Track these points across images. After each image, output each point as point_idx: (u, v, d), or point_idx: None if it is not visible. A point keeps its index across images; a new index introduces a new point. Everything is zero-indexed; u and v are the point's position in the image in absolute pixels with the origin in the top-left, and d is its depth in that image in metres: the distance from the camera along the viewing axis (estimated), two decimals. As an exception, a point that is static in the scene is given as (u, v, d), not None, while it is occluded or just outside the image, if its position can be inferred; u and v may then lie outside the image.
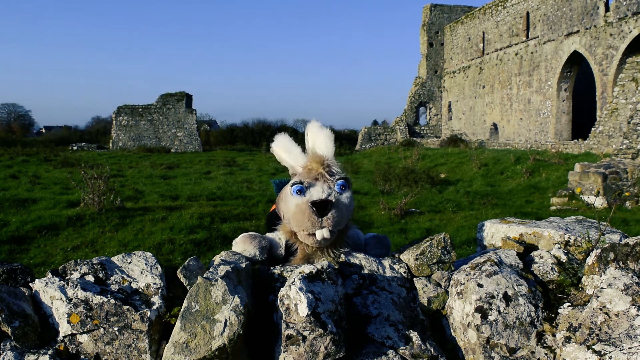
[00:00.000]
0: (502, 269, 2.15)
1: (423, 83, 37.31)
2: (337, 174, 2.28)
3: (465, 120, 34.23)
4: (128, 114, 36.27)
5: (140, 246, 7.04)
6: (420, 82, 37.41)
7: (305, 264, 2.15)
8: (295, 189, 2.21)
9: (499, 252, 2.31)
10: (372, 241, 2.49)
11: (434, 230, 8.28)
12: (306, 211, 2.15)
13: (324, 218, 2.15)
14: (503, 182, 15.54)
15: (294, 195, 2.21)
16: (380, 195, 12.21)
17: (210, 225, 8.41)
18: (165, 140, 36.16)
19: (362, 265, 2.25)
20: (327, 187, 2.22)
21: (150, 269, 2.10)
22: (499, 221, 2.67)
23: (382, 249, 2.48)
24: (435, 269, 2.26)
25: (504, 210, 10.13)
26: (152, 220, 8.62)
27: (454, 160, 20.91)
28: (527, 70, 27.38)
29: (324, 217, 2.15)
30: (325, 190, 2.21)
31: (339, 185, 2.24)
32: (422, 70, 37.82)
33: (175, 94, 36.75)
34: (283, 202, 2.29)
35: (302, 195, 2.20)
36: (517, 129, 28.28)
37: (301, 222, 2.17)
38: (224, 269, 2.00)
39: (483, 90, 32.06)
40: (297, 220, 2.18)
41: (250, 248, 2.26)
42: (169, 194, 11.82)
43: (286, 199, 2.27)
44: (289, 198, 2.24)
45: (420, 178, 14.23)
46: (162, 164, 21.91)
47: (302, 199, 2.19)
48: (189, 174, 18.14)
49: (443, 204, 10.83)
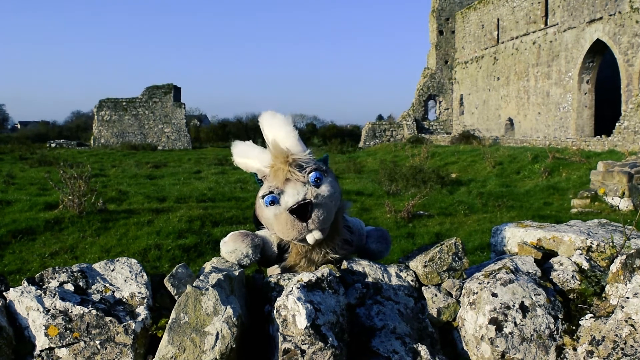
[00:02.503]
0: (518, 277, 2.15)
1: (432, 74, 37.32)
2: (307, 165, 2.20)
3: (479, 115, 34.24)
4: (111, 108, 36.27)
5: (124, 252, 7.04)
6: (429, 74, 37.42)
7: (303, 272, 2.15)
8: (268, 200, 2.17)
9: (515, 259, 2.31)
10: (373, 234, 2.50)
11: (444, 235, 8.28)
12: (287, 220, 2.13)
13: (309, 222, 2.13)
14: (519, 182, 15.55)
15: (269, 207, 2.18)
16: (385, 196, 12.21)
17: (201, 229, 8.41)
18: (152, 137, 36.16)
19: (365, 273, 2.25)
20: (300, 186, 2.16)
21: (135, 277, 2.10)
22: (515, 225, 2.67)
23: (383, 244, 2.50)
24: (445, 277, 2.26)
25: (520, 213, 10.13)
26: (137, 224, 8.61)
27: (466, 159, 20.90)
28: (546, 61, 27.38)
29: (308, 220, 2.12)
30: (299, 190, 2.15)
31: (313, 179, 2.18)
32: (432, 60, 37.83)
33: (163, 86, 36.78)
34: (260, 213, 2.27)
35: (276, 205, 2.16)
36: (535, 124, 28.29)
37: (286, 232, 2.15)
38: (215, 277, 2.00)
39: (498, 83, 32.07)
40: (280, 230, 2.17)
41: (242, 247, 2.22)
42: (155, 195, 11.81)
43: (261, 210, 2.23)
44: (264, 210, 2.21)
45: (429, 178, 14.23)
46: (147, 163, 21.91)
47: (278, 208, 2.16)
48: (177, 173, 18.14)
49: (454, 206, 10.82)
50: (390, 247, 2.55)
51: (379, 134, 35.05)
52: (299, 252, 2.27)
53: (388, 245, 2.52)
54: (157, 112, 36.32)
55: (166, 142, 36.02)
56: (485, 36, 33.50)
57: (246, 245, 2.23)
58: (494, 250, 2.71)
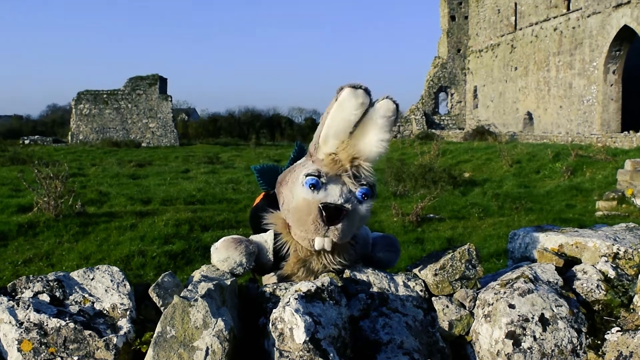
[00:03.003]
0: (538, 287, 2.15)
1: (443, 64, 37.34)
2: (364, 178, 2.19)
3: (494, 109, 34.25)
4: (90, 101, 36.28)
5: (104, 259, 7.04)
6: (440, 63, 37.44)
7: (301, 282, 2.15)
8: (309, 182, 2.13)
9: (534, 267, 2.31)
10: (380, 241, 2.49)
11: (456, 240, 8.28)
12: (313, 212, 2.11)
13: (332, 227, 2.12)
14: (539, 182, 15.55)
15: (305, 187, 2.14)
16: (392, 198, 12.21)
17: (189, 234, 8.41)
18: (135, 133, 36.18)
19: (370, 282, 2.25)
20: (346, 191, 2.15)
21: (116, 287, 2.10)
22: (535, 229, 2.67)
23: (391, 253, 2.48)
24: (457, 287, 2.26)
25: (540, 216, 10.13)
26: (119, 228, 8.61)
27: (480, 157, 20.90)
28: (568, 49, 27.39)
29: (332, 225, 2.11)
30: (344, 193, 2.14)
31: (361, 193, 2.17)
32: (443, 48, 37.85)
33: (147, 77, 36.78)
34: (288, 187, 2.22)
35: (315, 191, 2.13)
36: (556, 118, 28.29)
37: (303, 221, 2.13)
38: (205, 286, 2.00)
39: (515, 73, 32.08)
40: (299, 217, 2.15)
41: (236, 254, 2.22)
42: (139, 196, 11.81)
43: (294, 186, 2.19)
44: (297, 187, 2.17)
45: (440, 178, 14.23)
46: (131, 161, 21.91)
47: (314, 195, 2.13)
48: (164, 172, 18.14)
49: (467, 209, 10.82)
50: (399, 255, 2.54)
51: (385, 130, 35.03)
52: (298, 259, 2.27)
53: (397, 253, 2.51)
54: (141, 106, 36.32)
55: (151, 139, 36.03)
56: (501, 22, 33.50)
57: (240, 252, 2.23)
58: (511, 257, 2.71)
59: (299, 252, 2.26)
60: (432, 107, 37.02)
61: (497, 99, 34.00)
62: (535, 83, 30.16)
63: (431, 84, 37.18)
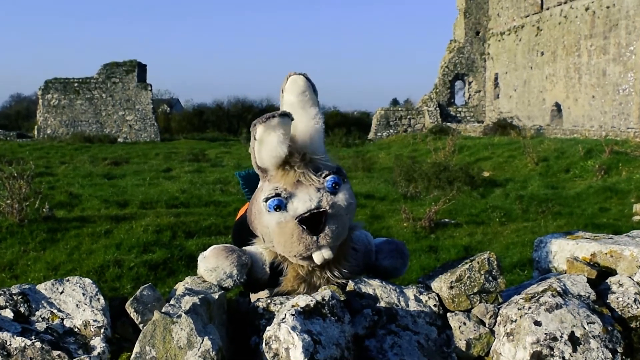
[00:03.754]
0: (567, 301, 2.15)
1: (460, 49, 37.36)
2: (324, 168, 2.23)
3: (518, 99, 34.27)
4: (59, 90, 36.30)
5: (75, 270, 7.04)
6: (457, 48, 37.46)
7: (299, 295, 2.15)
8: (272, 205, 2.16)
9: (563, 279, 2.31)
10: (385, 247, 2.49)
11: (474, 249, 8.29)
12: (294, 232, 2.13)
13: (320, 236, 2.13)
14: (569, 183, 15.56)
15: (272, 212, 2.17)
16: (401, 200, 12.22)
17: (171, 241, 8.41)
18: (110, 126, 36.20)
19: (377, 296, 2.25)
20: (314, 191, 2.17)
21: (89, 301, 2.10)
22: (564, 236, 2.67)
23: (398, 259, 2.48)
24: (476, 302, 2.26)
25: (570, 221, 10.13)
26: (93, 235, 8.62)
27: (502, 154, 20.92)
28: (602, 31, 27.39)
29: (319, 234, 2.13)
30: (313, 196, 2.16)
31: (330, 184, 2.20)
32: (459, 31, 37.85)
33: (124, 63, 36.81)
34: (257, 219, 2.25)
35: (282, 210, 2.16)
36: (588, 110, 28.30)
37: (290, 246, 2.15)
38: (189, 300, 2.00)
39: (541, 59, 32.10)
40: (283, 244, 2.16)
41: (226, 265, 2.21)
42: (114, 199, 11.82)
43: (261, 216, 2.22)
44: (265, 216, 2.20)
45: (456, 177, 14.24)
46: (105, 159, 21.93)
47: (284, 215, 2.15)
48: (142, 172, 18.15)
49: (487, 213, 10.83)
50: (407, 263, 2.54)
51: (394, 123, 35.07)
52: (298, 274, 2.27)
53: (405, 260, 2.52)
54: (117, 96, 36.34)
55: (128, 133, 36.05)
56: (526, 0, 33.52)
57: (230, 263, 2.22)
58: (537, 268, 2.71)
59: (299, 270, 2.27)
60: (447, 98, 37.03)
61: (521, 88, 34.02)
62: (565, 70, 30.17)
63: (446, 71, 37.19)
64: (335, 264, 2.27)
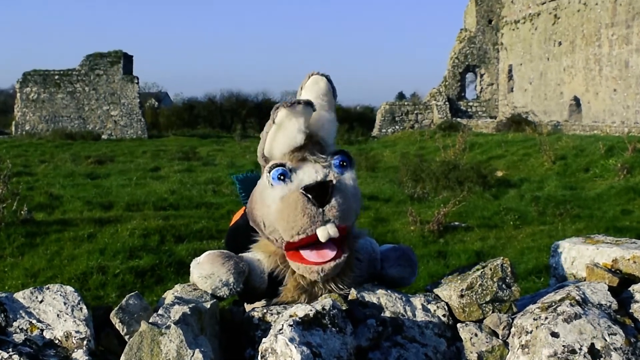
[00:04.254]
0: (587, 311, 2.15)
1: (471, 38, 37.36)
2: (331, 148, 2.30)
3: (533, 93, 34.27)
4: (39, 83, 36.29)
5: (56, 277, 7.04)
6: (467, 37, 37.46)
7: (298, 304, 2.15)
8: (276, 174, 2.20)
9: (582, 286, 2.31)
10: (391, 255, 2.49)
11: (486, 254, 8.28)
12: (298, 202, 2.14)
13: (326, 207, 2.14)
14: (588, 183, 15.55)
15: (276, 184, 2.20)
16: (408, 202, 12.21)
17: (160, 246, 8.41)
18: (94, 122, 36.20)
19: (381, 305, 2.25)
20: (320, 167, 2.23)
21: (71, 311, 2.10)
22: (583, 240, 2.67)
23: (405, 267, 2.48)
24: (488, 311, 2.26)
25: (589, 224, 10.13)
26: (75, 240, 8.61)
27: (516, 152, 20.91)
28: (624, 20, 27.38)
29: (325, 206, 2.14)
30: (319, 170, 2.22)
31: (338, 161, 2.26)
32: (470, 19, 37.86)
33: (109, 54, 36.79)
34: (259, 203, 2.28)
35: (286, 181, 2.19)
36: (610, 105, 28.30)
37: (293, 219, 2.15)
38: (179, 310, 2.00)
39: (559, 49, 32.10)
40: (285, 219, 2.16)
41: (223, 272, 2.22)
42: (98, 200, 11.82)
43: (263, 195, 2.26)
44: (267, 192, 2.23)
45: (466, 177, 14.23)
46: (88, 157, 21.91)
47: (289, 186, 2.19)
48: (128, 171, 18.14)
49: (500, 216, 10.83)
50: (416, 271, 2.54)
51: (400, 119, 35.08)
52: (299, 285, 2.28)
53: (413, 268, 2.52)
54: (101, 89, 36.34)
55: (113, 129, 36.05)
56: (542, -13, 33.52)
57: (227, 269, 2.23)
58: (554, 275, 2.71)
59: (300, 278, 2.27)
60: (457, 91, 37.04)
61: (537, 80, 34.02)
62: (584, 61, 30.16)
63: (456, 62, 37.19)
64: (340, 275, 2.27)
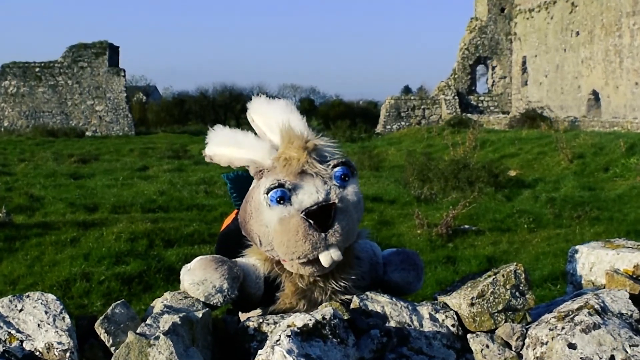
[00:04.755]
0: (606, 321, 2.15)
1: (482, 28, 37.37)
2: (331, 156, 2.28)
3: (549, 86, 34.27)
4: (18, 76, 36.31)
5: (37, 284, 7.03)
6: (478, 27, 37.47)
7: (296, 314, 2.15)
8: (274, 197, 2.18)
9: (601, 294, 2.31)
10: (394, 259, 2.50)
11: (499, 260, 8.28)
12: (300, 228, 2.14)
13: (329, 232, 2.15)
14: (608, 183, 15.55)
15: (274, 205, 2.19)
16: (414, 203, 12.21)
17: (148, 251, 8.40)
18: (77, 118, 36.21)
19: (386, 315, 2.25)
20: (320, 183, 2.22)
21: (53, 321, 2.10)
22: (602, 245, 2.67)
23: (409, 272, 2.49)
24: (501, 321, 2.26)
25: (609, 227, 10.12)
26: (57, 244, 8.60)
27: (530, 150, 20.91)
28: (646, 8, 27.36)
29: (328, 230, 2.15)
30: (319, 187, 2.20)
31: (340, 174, 2.25)
32: (481, 7, 37.87)
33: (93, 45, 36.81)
34: (254, 219, 2.27)
35: (286, 204, 2.18)
36: (631, 99, 28.29)
37: (294, 246, 2.15)
38: (169, 319, 2.00)
39: (576, 40, 32.09)
40: (286, 244, 2.17)
41: (216, 277, 2.22)
42: (82, 202, 11.81)
43: (260, 214, 2.24)
44: (264, 213, 2.22)
45: (477, 177, 14.23)
46: (71, 156, 21.93)
47: (288, 209, 2.18)
48: (114, 170, 18.15)
49: (514, 218, 10.82)
50: (422, 276, 2.55)
51: (406, 114, 35.08)
52: (297, 289, 2.28)
53: (418, 272, 2.52)
54: (85, 83, 36.35)
55: (98, 126, 36.07)
56: (558, -28, 33.51)
57: (220, 275, 2.22)
58: (571, 282, 2.71)
59: (299, 282, 2.28)
60: (467, 85, 37.04)
61: (553, 73, 34.02)
62: (603, 53, 30.15)
63: (466, 53, 37.19)
64: (340, 272, 2.27)
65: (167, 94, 55.02)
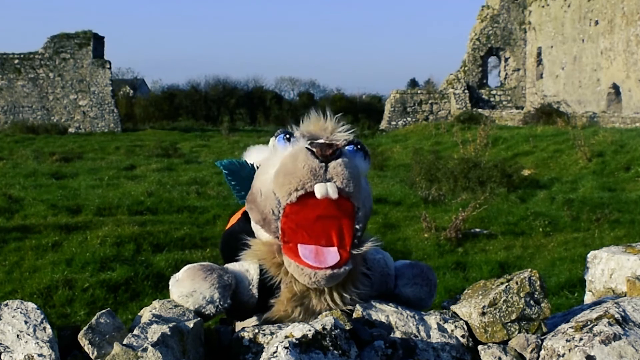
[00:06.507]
0: (627, 331, 2.15)
1: (494, 17, 37.38)
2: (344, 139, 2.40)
3: (566, 80, 34.27)
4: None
5: (16, 292, 7.03)
6: (490, 16, 37.48)
7: (294, 324, 2.15)
8: (282, 136, 2.36)
9: (622, 303, 2.31)
10: (407, 272, 2.50)
11: (512, 266, 8.29)
12: (301, 153, 2.21)
13: (331, 164, 2.19)
14: (630, 183, 15.55)
15: (281, 144, 2.33)
16: (421, 205, 12.21)
17: (135, 256, 8.40)
18: (59, 113, 36.21)
19: (391, 325, 2.25)
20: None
21: (33, 331, 2.10)
22: (623, 250, 2.67)
23: (422, 287, 2.49)
24: (514, 331, 2.26)
25: (630, 231, 10.13)
26: (37, 249, 8.60)
27: (546, 147, 20.91)
28: (671, -5, 27.38)
29: (330, 163, 2.19)
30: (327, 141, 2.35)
31: (351, 148, 2.35)
32: (493, -6, 37.87)
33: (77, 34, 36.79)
34: (261, 174, 2.38)
35: (292, 141, 2.32)
36: (654, 93, 28.29)
37: (292, 171, 2.19)
38: (158, 330, 2.00)
39: (595, 29, 32.09)
40: (284, 171, 2.22)
41: (205, 288, 2.23)
42: (65, 203, 11.81)
43: (266, 164, 2.36)
44: (270, 159, 2.35)
45: (489, 177, 14.24)
46: (53, 154, 21.92)
47: (293, 145, 2.30)
48: (99, 170, 18.15)
49: (528, 221, 10.83)
50: (434, 292, 2.54)
51: (412, 109, 35.10)
52: (294, 295, 2.28)
53: (431, 289, 2.52)
54: (68, 75, 36.34)
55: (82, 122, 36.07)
56: (576, -43, 33.51)
57: (210, 285, 2.23)
58: (589, 289, 2.71)
59: (294, 284, 2.27)
60: (478, 78, 37.05)
61: (570, 65, 34.02)
62: (624, 43, 30.15)
63: (477, 44, 37.20)
64: (339, 289, 2.27)
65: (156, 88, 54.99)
